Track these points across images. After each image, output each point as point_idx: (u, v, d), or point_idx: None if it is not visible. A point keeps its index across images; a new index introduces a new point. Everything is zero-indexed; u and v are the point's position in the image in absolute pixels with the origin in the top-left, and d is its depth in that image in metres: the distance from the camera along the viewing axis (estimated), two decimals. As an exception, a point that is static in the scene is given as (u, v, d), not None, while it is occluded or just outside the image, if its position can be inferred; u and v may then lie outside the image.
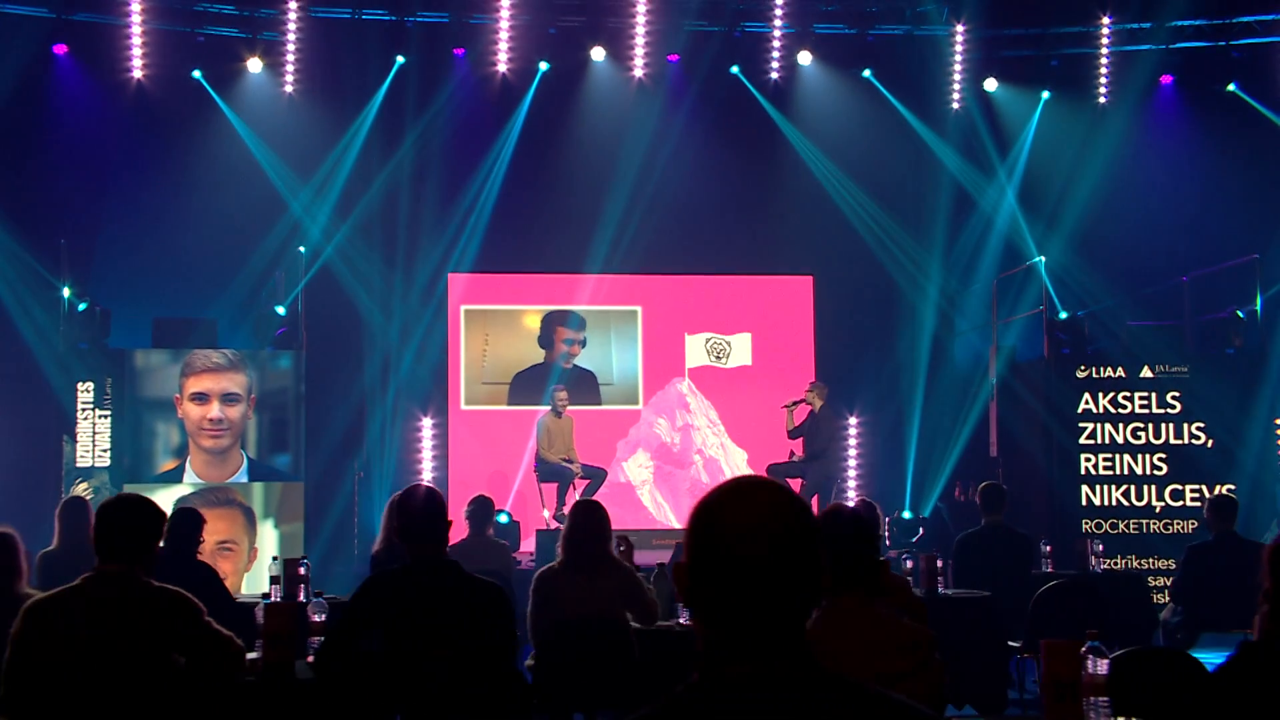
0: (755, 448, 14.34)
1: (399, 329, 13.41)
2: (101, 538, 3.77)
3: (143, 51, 13.17)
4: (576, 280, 14.33)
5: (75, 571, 6.56)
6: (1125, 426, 11.75)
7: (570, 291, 14.36)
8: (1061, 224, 13.86)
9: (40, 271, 11.49)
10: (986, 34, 14.55)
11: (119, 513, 3.81)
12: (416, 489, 4.40)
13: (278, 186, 13.20)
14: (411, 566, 4.10)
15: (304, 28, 13.61)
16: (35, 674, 3.60)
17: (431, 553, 4.08)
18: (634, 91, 14.27)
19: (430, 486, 4.43)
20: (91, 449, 10.86)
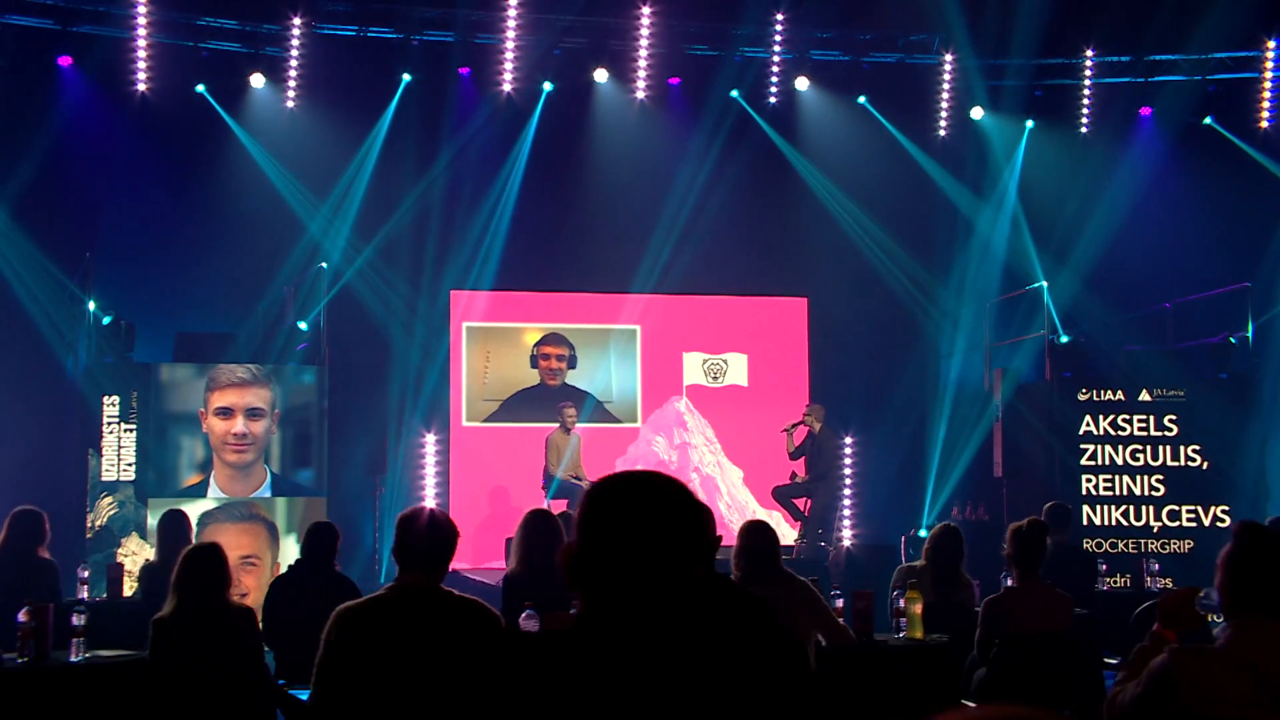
0: (751, 466, 14.58)
1: (412, 345, 13.46)
2: (403, 550, 3.87)
3: (147, 65, 13.12)
4: (577, 299, 14.50)
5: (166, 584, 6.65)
6: (1125, 448, 12.15)
7: (570, 310, 14.51)
8: (1052, 249, 14.27)
9: (68, 285, 11.41)
10: (974, 64, 14.94)
11: (419, 526, 3.91)
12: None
13: (289, 202, 13.22)
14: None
15: (307, 44, 13.64)
16: (345, 678, 3.69)
17: None
18: (636, 113, 14.46)
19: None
20: (117, 463, 10.80)
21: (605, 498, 2.00)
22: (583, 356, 14.46)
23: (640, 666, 1.87)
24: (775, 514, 14.38)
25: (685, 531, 1.97)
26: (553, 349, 14.37)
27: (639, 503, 1.96)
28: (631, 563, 1.94)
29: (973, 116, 15.13)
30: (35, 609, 4.95)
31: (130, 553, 10.64)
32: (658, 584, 1.93)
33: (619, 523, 1.96)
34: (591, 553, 1.98)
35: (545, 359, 14.31)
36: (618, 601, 1.95)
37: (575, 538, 2.01)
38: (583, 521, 2.00)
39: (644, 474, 2.03)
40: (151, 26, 13.11)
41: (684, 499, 1.98)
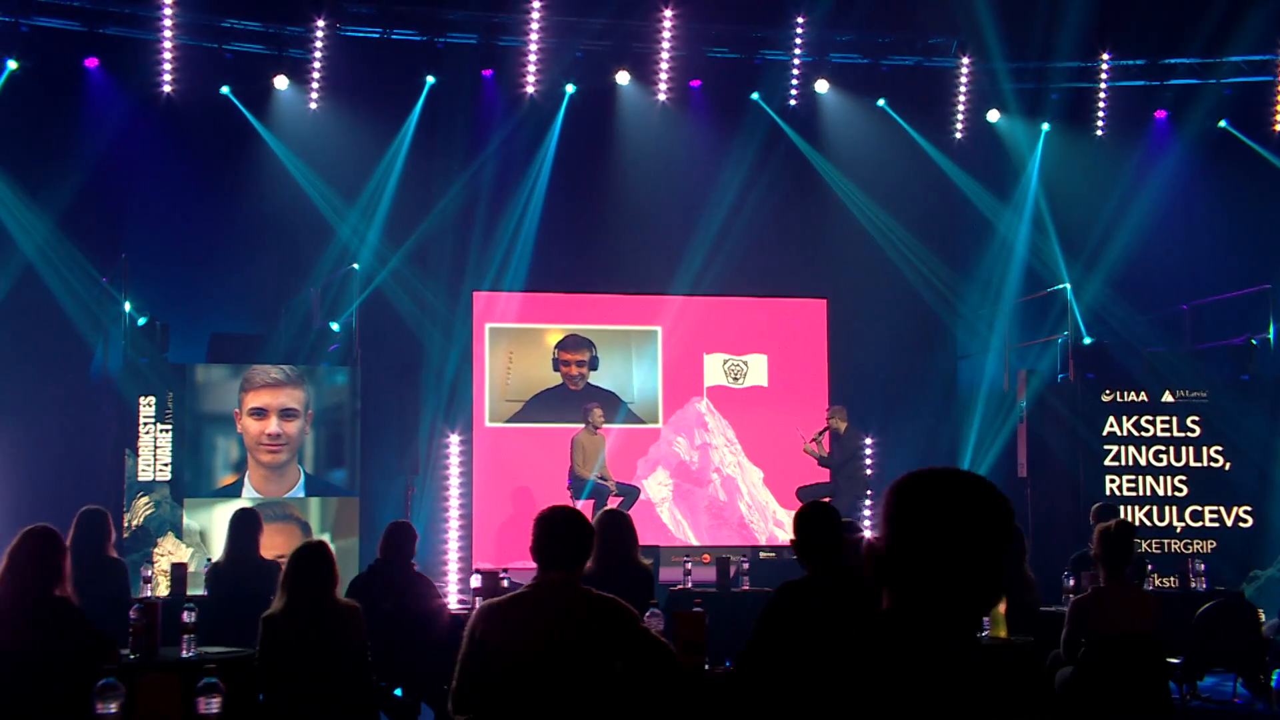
0: (771, 466, 14.66)
1: (438, 346, 13.53)
2: (543, 548, 3.94)
3: (172, 67, 13.17)
4: (598, 300, 14.58)
5: (241, 581, 6.73)
6: (1148, 449, 12.26)
7: (592, 311, 14.58)
8: (1070, 251, 14.39)
9: (105, 286, 11.47)
10: (991, 67, 15.05)
11: (559, 524, 3.98)
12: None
13: (316, 203, 13.29)
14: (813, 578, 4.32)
15: (331, 46, 13.70)
16: (488, 673, 3.76)
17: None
18: (657, 115, 14.55)
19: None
20: (153, 463, 10.85)
21: (920, 495, 2.06)
22: (604, 357, 14.52)
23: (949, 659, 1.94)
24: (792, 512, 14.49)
25: (999, 529, 2.04)
26: (573, 354, 14.42)
27: (955, 501, 2.03)
28: (947, 559, 2.00)
29: (989, 120, 15.25)
30: (146, 606, 5.02)
31: (166, 552, 10.69)
32: (970, 580, 2.00)
33: (936, 520, 2.02)
34: (906, 548, 2.04)
35: (566, 365, 14.38)
36: (931, 596, 2.01)
37: (884, 533, 2.07)
38: (897, 517, 2.06)
39: (955, 471, 2.10)
40: (177, 28, 13.16)
41: (997, 497, 2.06)
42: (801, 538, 4.58)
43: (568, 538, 3.93)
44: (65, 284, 11.83)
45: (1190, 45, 14.70)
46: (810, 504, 4.72)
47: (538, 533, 3.99)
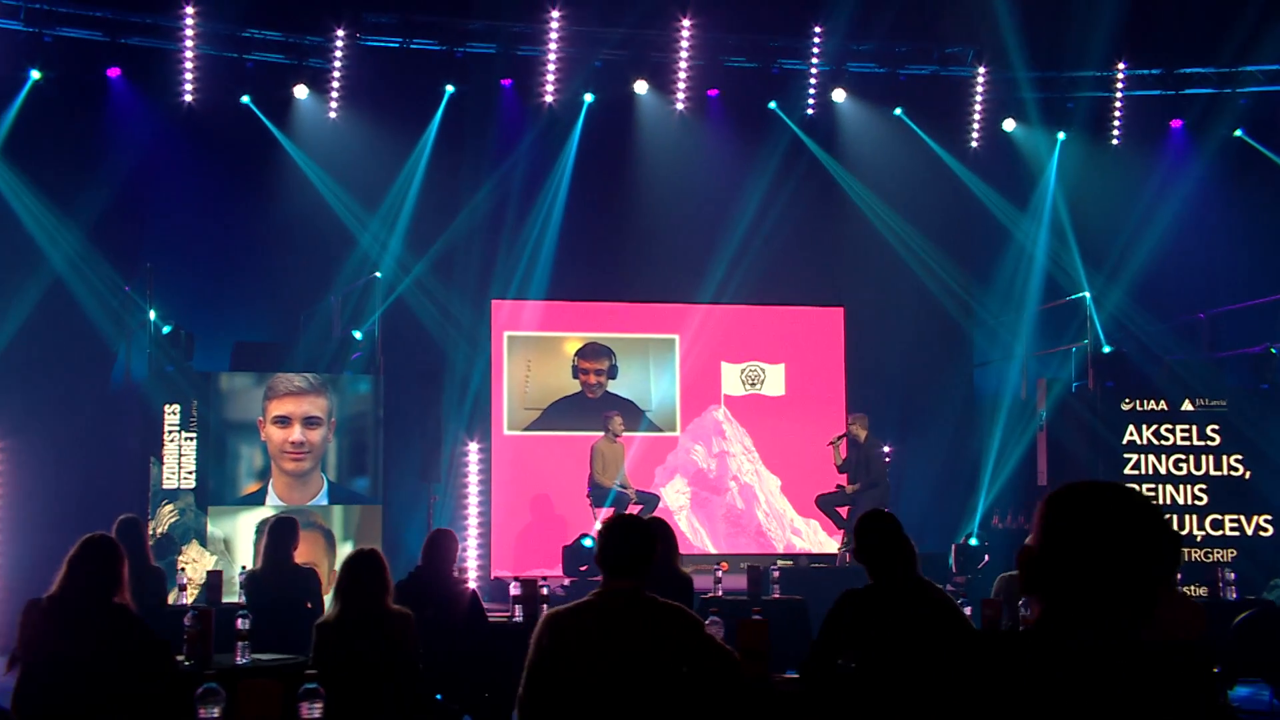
0: (788, 475, 14.69)
1: (459, 354, 13.59)
2: (610, 556, 3.97)
3: (194, 76, 13.23)
4: (616, 308, 14.62)
5: (277, 588, 6.77)
6: (1168, 458, 12.29)
7: (610, 319, 14.63)
8: (1087, 260, 14.41)
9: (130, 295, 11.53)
10: (1007, 76, 15.10)
11: (626, 533, 4.01)
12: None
13: (337, 212, 13.35)
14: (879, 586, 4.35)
15: (351, 56, 13.76)
16: (555, 680, 3.79)
17: None
18: (675, 124, 14.61)
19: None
20: (177, 471, 10.90)
21: (1079, 506, 2.09)
22: (622, 366, 14.57)
23: (1098, 667, 1.97)
24: (813, 522, 14.54)
25: (1154, 542, 2.06)
26: (591, 363, 14.46)
27: (1113, 512, 2.06)
28: (1103, 569, 2.04)
29: (1005, 129, 15.29)
30: (201, 613, 5.06)
31: (190, 560, 10.74)
32: (1124, 591, 2.03)
33: (1093, 531, 2.05)
34: (1061, 557, 2.07)
35: (585, 373, 14.42)
36: (1084, 606, 2.04)
37: (1038, 542, 2.11)
38: (1055, 527, 2.09)
39: (1113, 484, 2.14)
40: (198, 38, 13.22)
41: (1153, 510, 2.09)
42: (863, 545, 4.60)
43: (634, 546, 3.97)
44: (90, 292, 11.90)
45: (1206, 55, 14.74)
46: (872, 511, 4.76)
47: (604, 541, 4.02)
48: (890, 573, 4.62)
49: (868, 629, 4.34)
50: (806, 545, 14.50)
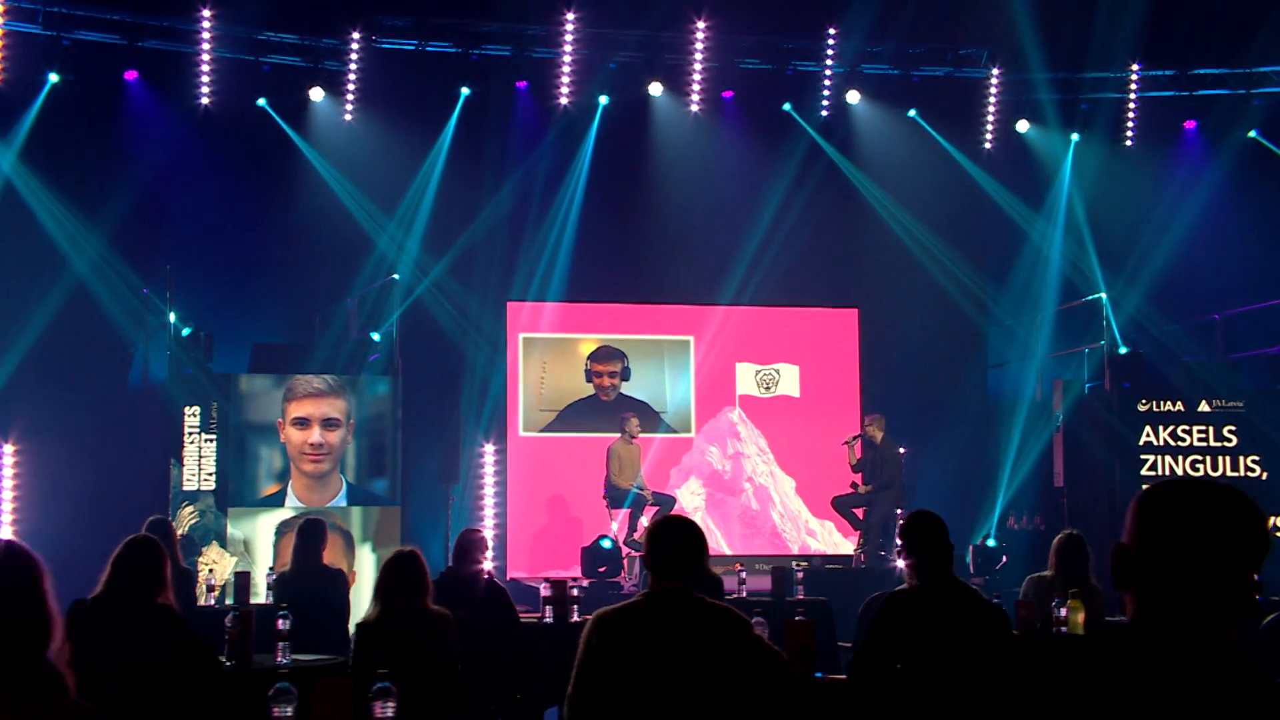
0: (803, 476, 14.72)
1: (476, 356, 13.62)
2: (658, 557, 3.98)
3: (210, 79, 13.28)
4: (630, 310, 14.66)
5: (306, 590, 6.80)
6: (1185, 459, 12.29)
7: (624, 321, 14.66)
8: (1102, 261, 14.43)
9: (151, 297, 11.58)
10: (1021, 78, 15.12)
11: (674, 534, 4.02)
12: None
13: (354, 214, 13.40)
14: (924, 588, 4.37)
15: (367, 58, 13.80)
16: (603, 680, 3.81)
17: None
18: (690, 126, 14.63)
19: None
20: (198, 472, 10.93)
21: (1177, 503, 2.11)
22: (637, 367, 14.59)
23: (1192, 665, 1.99)
24: (828, 523, 14.56)
25: (1252, 541, 2.08)
26: (604, 366, 14.49)
27: (1211, 510, 2.08)
28: (1200, 569, 2.05)
29: (1019, 130, 15.30)
30: (241, 614, 5.09)
31: (211, 561, 10.77)
32: (1220, 591, 2.05)
33: (1190, 528, 2.07)
34: (1157, 555, 2.09)
35: (598, 376, 14.45)
36: (1179, 604, 2.06)
37: (1134, 539, 2.12)
38: (1150, 524, 2.11)
39: (1210, 482, 2.15)
40: (214, 41, 13.26)
41: (1252, 508, 2.11)
42: (911, 546, 4.62)
43: (683, 547, 3.98)
44: (109, 294, 11.96)
45: (1220, 56, 14.75)
46: (918, 513, 4.77)
47: (652, 541, 4.03)
48: (935, 574, 4.62)
49: (913, 630, 4.35)
50: (821, 546, 14.52)
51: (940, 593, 4.50)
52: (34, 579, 2.61)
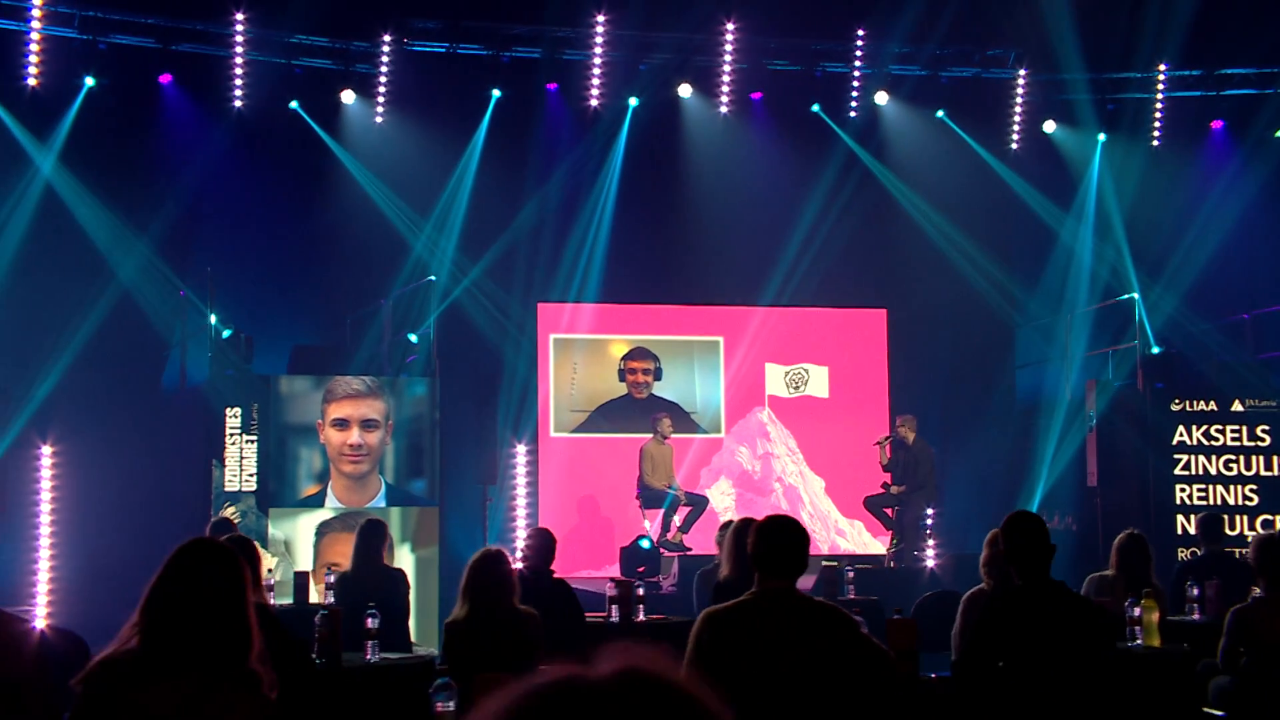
0: (832, 476, 14.76)
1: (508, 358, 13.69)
2: (766, 556, 4.03)
3: (243, 82, 13.35)
4: (660, 310, 14.71)
5: (367, 590, 6.85)
6: (1218, 458, 12.33)
7: (654, 322, 14.71)
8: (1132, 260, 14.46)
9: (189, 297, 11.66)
10: (1048, 78, 15.16)
11: (782, 533, 4.07)
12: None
13: (388, 216, 13.47)
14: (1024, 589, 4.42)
15: (397, 61, 13.86)
16: (713, 678, 3.84)
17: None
18: (719, 127, 14.68)
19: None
20: (239, 473, 11.00)
21: None
22: (667, 368, 14.64)
23: None
24: (857, 523, 14.60)
25: None
26: (639, 363, 14.55)
27: None
28: None
29: (1046, 130, 15.34)
30: (330, 614, 5.14)
31: (253, 562, 10.81)
32: None
33: None
34: None
35: (632, 373, 14.51)
36: None
37: None
38: None
39: None
40: (247, 45, 13.34)
41: None
42: (1011, 546, 4.65)
43: (791, 546, 4.03)
44: (148, 296, 12.03)
45: (1247, 56, 14.77)
46: (1018, 513, 4.80)
47: (760, 541, 4.07)
48: (1037, 573, 4.62)
49: (1020, 630, 4.38)
50: (851, 546, 14.56)
51: (1044, 593, 4.53)
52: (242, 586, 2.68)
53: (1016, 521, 4.74)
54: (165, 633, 2.73)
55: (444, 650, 4.99)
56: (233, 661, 2.74)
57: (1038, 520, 4.81)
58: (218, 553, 2.87)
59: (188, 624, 2.73)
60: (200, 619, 2.74)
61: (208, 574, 2.81)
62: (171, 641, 2.72)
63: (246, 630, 2.77)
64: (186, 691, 2.67)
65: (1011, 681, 4.22)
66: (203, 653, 2.72)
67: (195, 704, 2.65)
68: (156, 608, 2.78)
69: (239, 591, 2.80)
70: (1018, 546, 4.65)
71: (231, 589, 2.79)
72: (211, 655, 2.72)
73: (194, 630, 2.73)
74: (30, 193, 12.16)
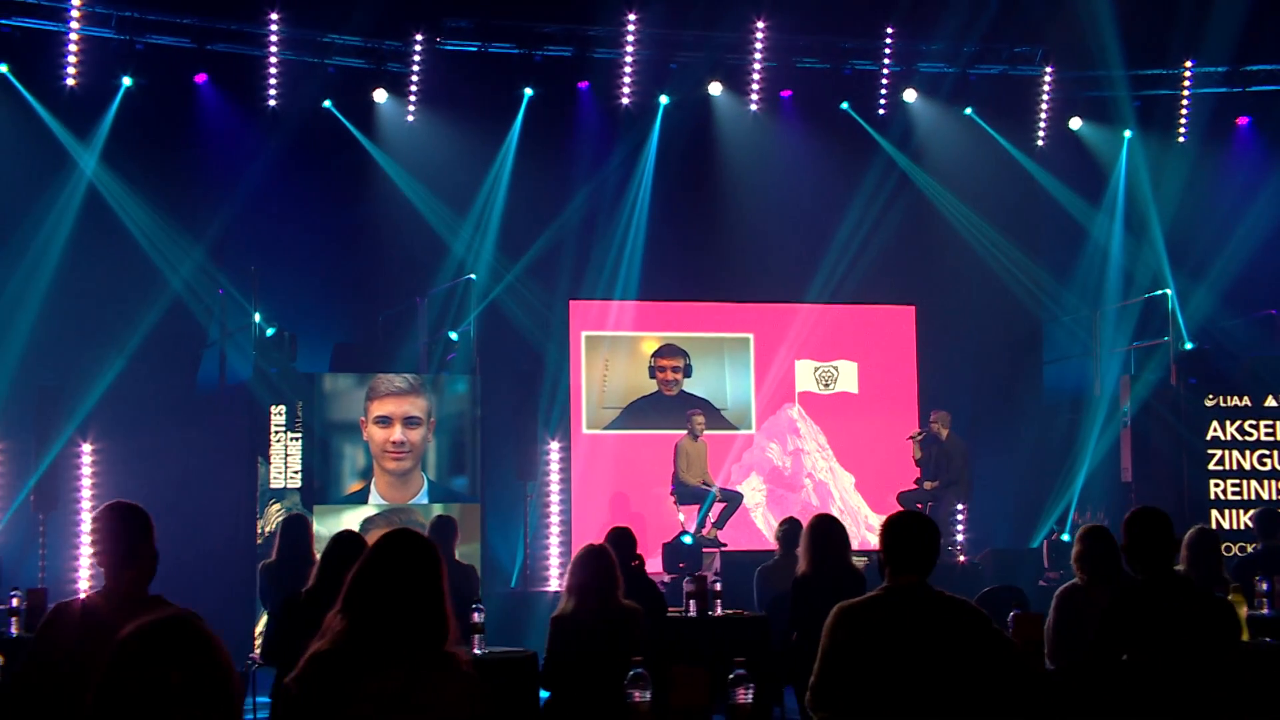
0: (862, 472, 14.84)
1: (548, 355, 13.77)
2: (897, 552, 4.08)
3: (277, 81, 13.42)
4: (690, 308, 14.78)
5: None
6: (1252, 453, 12.40)
7: (684, 319, 14.78)
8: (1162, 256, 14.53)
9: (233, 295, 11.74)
10: (1074, 75, 15.23)
11: (912, 529, 4.11)
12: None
13: (423, 214, 13.55)
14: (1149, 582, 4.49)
15: (429, 60, 13.92)
16: (848, 671, 3.92)
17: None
18: (749, 125, 14.76)
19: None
20: (284, 470, 11.07)
21: None
22: (697, 364, 14.71)
23: None
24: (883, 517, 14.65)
25: None
26: (669, 360, 14.62)
27: None
28: None
29: (1071, 127, 15.40)
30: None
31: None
32: None
33: None
34: None
35: (662, 370, 14.57)
36: None
37: None
38: None
39: None
40: (281, 44, 13.40)
41: None
42: (1134, 542, 4.70)
43: (921, 541, 4.08)
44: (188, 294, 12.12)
45: (1273, 52, 14.84)
46: (1141, 508, 4.85)
47: (890, 537, 4.13)
48: (1163, 568, 4.66)
49: (1146, 625, 4.44)
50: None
51: (1170, 588, 4.59)
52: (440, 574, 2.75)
53: (1139, 517, 4.78)
54: (374, 625, 2.81)
55: (550, 644, 5.07)
56: (435, 647, 2.82)
57: (1161, 515, 4.85)
58: (419, 543, 2.95)
59: (396, 615, 2.81)
60: (407, 609, 2.82)
61: (412, 565, 2.88)
62: (381, 633, 2.80)
63: (445, 616, 2.86)
64: (400, 681, 2.75)
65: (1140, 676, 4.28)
66: (410, 641, 2.80)
67: (409, 692, 2.73)
68: (364, 600, 2.86)
69: (438, 579, 2.88)
70: (1141, 542, 4.68)
71: (432, 577, 2.87)
72: (418, 643, 2.80)
73: (402, 620, 2.81)
74: (75, 193, 12.24)
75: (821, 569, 6.37)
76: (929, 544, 4.11)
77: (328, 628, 2.90)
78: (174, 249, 12.29)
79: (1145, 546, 4.69)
